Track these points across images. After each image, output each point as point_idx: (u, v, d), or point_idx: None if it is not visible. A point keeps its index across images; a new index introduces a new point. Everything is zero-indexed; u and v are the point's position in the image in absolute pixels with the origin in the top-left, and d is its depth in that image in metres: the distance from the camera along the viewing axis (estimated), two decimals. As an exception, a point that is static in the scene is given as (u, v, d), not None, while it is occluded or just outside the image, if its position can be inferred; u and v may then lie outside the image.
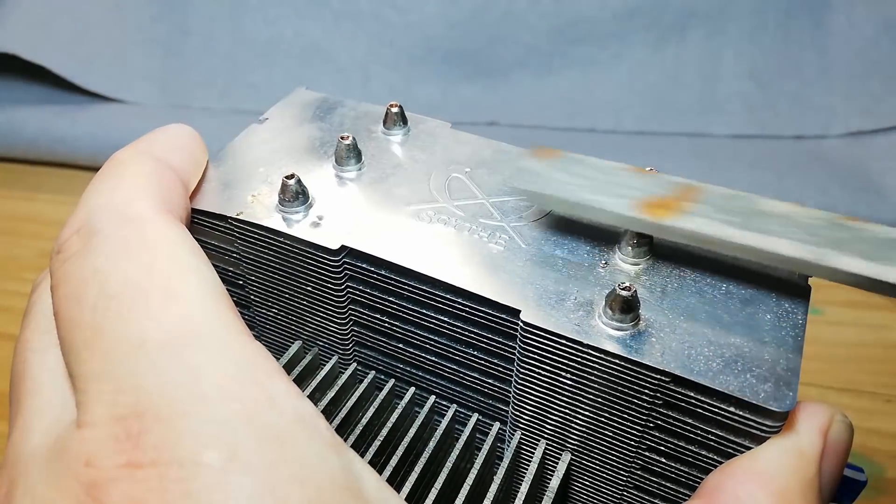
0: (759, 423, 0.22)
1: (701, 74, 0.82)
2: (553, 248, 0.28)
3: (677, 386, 0.23)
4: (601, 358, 0.24)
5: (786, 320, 0.24)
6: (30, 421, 0.22)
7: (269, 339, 0.34)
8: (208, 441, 0.19)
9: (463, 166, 0.32)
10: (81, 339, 0.21)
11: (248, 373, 0.21)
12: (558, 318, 0.25)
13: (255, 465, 0.19)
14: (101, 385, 0.20)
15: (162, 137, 0.29)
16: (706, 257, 0.27)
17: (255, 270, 0.31)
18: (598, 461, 0.27)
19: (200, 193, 0.30)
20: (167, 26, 0.86)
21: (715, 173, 0.72)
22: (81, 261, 0.23)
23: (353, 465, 0.20)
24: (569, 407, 0.26)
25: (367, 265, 0.28)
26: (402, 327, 0.30)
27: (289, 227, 0.29)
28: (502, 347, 0.27)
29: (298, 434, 0.20)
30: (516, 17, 0.83)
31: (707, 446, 0.24)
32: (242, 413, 0.19)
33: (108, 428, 0.19)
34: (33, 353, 0.25)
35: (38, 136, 0.77)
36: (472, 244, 0.28)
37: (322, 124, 0.35)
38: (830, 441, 0.23)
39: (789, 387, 0.22)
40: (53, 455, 0.20)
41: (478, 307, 0.27)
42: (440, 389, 0.31)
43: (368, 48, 0.85)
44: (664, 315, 0.25)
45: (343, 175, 0.31)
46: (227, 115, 0.82)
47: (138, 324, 0.21)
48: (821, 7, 0.81)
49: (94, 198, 0.25)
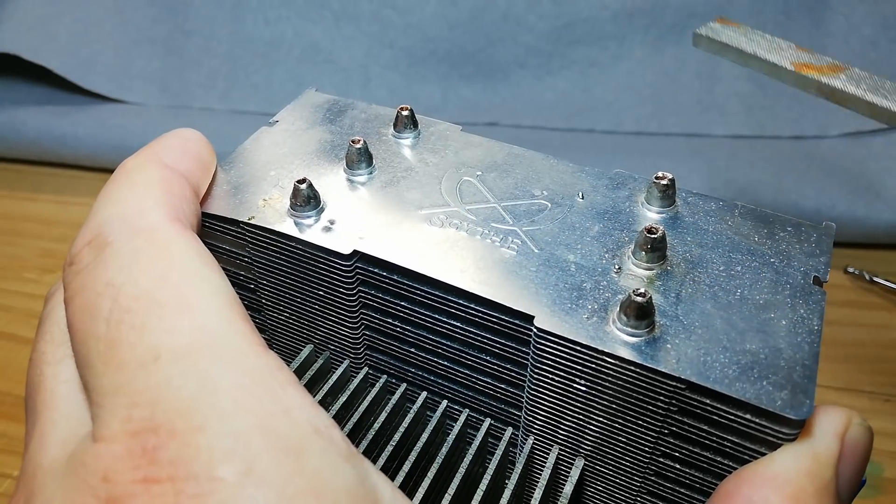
0: (776, 431, 0.22)
1: (700, 75, 0.82)
2: (565, 252, 0.28)
3: (693, 393, 0.23)
4: (616, 364, 0.24)
5: (801, 326, 0.25)
6: (46, 433, 0.22)
7: (281, 342, 0.34)
8: (223, 455, 0.19)
9: (474, 170, 0.32)
10: (96, 352, 0.21)
11: (263, 384, 0.21)
12: (572, 324, 0.25)
13: (271, 479, 0.19)
14: (117, 399, 0.20)
15: (170, 143, 0.29)
16: (720, 261, 0.27)
17: (266, 274, 0.31)
18: (612, 467, 0.27)
19: (211, 197, 0.30)
20: (168, 27, 0.86)
21: (714, 173, 0.72)
22: (94, 273, 0.23)
23: (369, 475, 0.21)
24: (582, 413, 0.26)
25: (379, 270, 0.28)
26: (414, 332, 0.30)
27: (301, 231, 0.29)
28: (515, 353, 0.27)
29: (313, 445, 0.20)
30: (516, 18, 0.84)
31: (722, 452, 0.24)
32: (257, 426, 0.19)
33: (125, 443, 0.19)
34: (48, 366, 0.25)
35: (39, 137, 0.77)
36: (485, 249, 0.28)
37: (332, 127, 0.35)
38: (847, 445, 0.23)
39: (806, 394, 0.22)
40: (70, 469, 0.20)
41: (491, 312, 0.27)
42: (452, 394, 0.31)
43: (369, 49, 0.85)
44: (679, 321, 0.25)
45: (354, 179, 0.31)
46: (228, 116, 0.81)
47: (153, 336, 0.21)
48: (820, 7, 0.81)
49: (104, 208, 0.25)
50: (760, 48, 0.38)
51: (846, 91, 0.35)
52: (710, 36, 0.40)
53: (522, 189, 0.31)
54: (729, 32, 0.39)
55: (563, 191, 0.31)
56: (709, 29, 0.40)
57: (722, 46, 0.39)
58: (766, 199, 0.69)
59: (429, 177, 0.32)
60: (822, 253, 0.28)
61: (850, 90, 0.34)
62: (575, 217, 0.29)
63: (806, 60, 0.37)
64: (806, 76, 0.36)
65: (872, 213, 0.67)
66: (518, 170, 0.32)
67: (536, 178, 0.31)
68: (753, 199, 0.72)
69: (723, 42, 0.39)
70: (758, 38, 0.39)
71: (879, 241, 0.67)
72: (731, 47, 0.39)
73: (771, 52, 0.37)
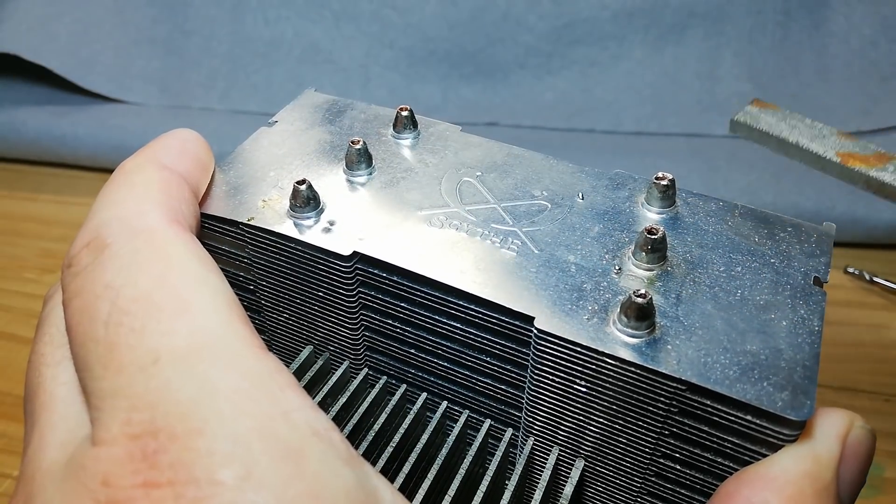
0: (777, 432, 0.22)
1: (700, 75, 0.82)
2: (566, 253, 0.28)
3: (693, 394, 0.23)
4: (616, 365, 0.24)
5: (801, 327, 0.25)
6: (45, 435, 0.22)
7: (280, 343, 0.34)
8: (223, 459, 0.19)
9: (474, 170, 0.32)
10: (95, 355, 0.21)
11: (262, 387, 0.21)
12: (573, 326, 0.25)
13: (270, 482, 0.19)
14: (116, 402, 0.20)
15: (168, 144, 0.29)
16: (720, 261, 0.27)
17: (265, 275, 0.31)
18: (612, 468, 0.27)
19: (210, 198, 0.30)
20: (168, 27, 0.86)
21: (713, 173, 0.72)
22: (93, 275, 0.23)
23: (369, 478, 0.21)
24: (583, 414, 0.26)
25: (379, 271, 0.28)
26: (414, 333, 0.30)
27: (300, 232, 0.29)
28: (515, 354, 0.27)
29: (313, 448, 0.20)
30: (516, 18, 0.84)
31: (723, 454, 0.24)
32: (256, 429, 0.19)
33: (124, 446, 0.19)
34: (47, 367, 0.25)
35: (39, 137, 0.77)
36: (485, 249, 0.28)
37: (332, 127, 0.35)
38: (849, 447, 0.23)
39: (807, 395, 0.22)
40: (69, 472, 0.20)
41: (491, 313, 0.27)
42: (452, 395, 0.31)
43: (369, 49, 0.85)
44: (679, 322, 0.25)
45: (354, 179, 0.31)
46: (228, 116, 0.81)
47: (151, 339, 0.21)
48: (819, 7, 0.81)
49: (102, 210, 0.25)
50: (803, 137, 0.36)
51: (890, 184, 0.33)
52: (748, 123, 0.38)
53: (522, 189, 0.31)
54: (768, 118, 0.37)
55: (563, 191, 0.31)
56: (747, 115, 0.38)
57: (762, 135, 0.37)
58: (766, 199, 0.69)
59: (428, 177, 0.32)
60: (822, 253, 0.28)
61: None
62: (575, 218, 0.29)
63: (851, 150, 0.35)
64: (853, 169, 0.34)
65: (872, 213, 0.67)
66: (518, 170, 0.32)
67: (536, 178, 0.31)
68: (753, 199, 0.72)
69: (762, 130, 0.37)
70: (797, 123, 0.37)
71: (879, 241, 0.67)
72: (771, 136, 0.37)
73: (814, 141, 0.35)
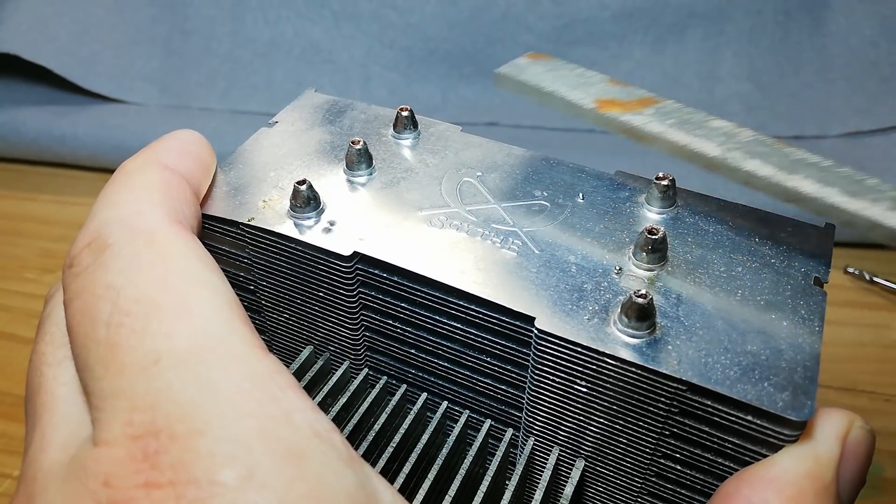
0: (777, 432, 0.22)
1: (700, 75, 0.82)
2: (566, 253, 0.28)
3: (694, 394, 0.23)
4: (617, 366, 0.24)
5: (802, 327, 0.25)
6: (47, 435, 0.22)
7: (281, 343, 0.34)
8: (224, 460, 0.19)
9: (474, 170, 0.32)
10: (96, 355, 0.21)
11: (263, 388, 0.21)
12: (573, 326, 0.25)
13: (271, 484, 0.19)
14: (117, 402, 0.20)
15: (170, 144, 0.29)
16: (720, 262, 0.27)
17: (266, 275, 0.31)
18: (613, 468, 0.27)
19: (211, 199, 0.30)
20: (168, 27, 0.86)
21: (714, 173, 0.72)
22: (94, 276, 0.23)
23: (369, 479, 0.21)
24: (583, 414, 0.26)
25: (379, 271, 0.28)
26: (414, 333, 0.30)
27: (301, 233, 0.29)
28: (516, 354, 0.27)
29: (314, 450, 0.20)
30: (516, 18, 0.83)
31: (723, 454, 0.24)
32: (258, 430, 0.19)
33: (125, 447, 0.19)
34: (48, 367, 0.25)
35: (39, 137, 0.77)
36: (485, 250, 0.28)
37: (332, 128, 0.35)
38: (849, 447, 0.23)
39: (807, 395, 0.22)
40: (71, 472, 0.20)
41: (492, 314, 0.27)
42: (452, 395, 0.31)
43: (368, 49, 0.85)
44: (680, 322, 0.25)
45: (354, 180, 0.31)
46: (228, 116, 0.81)
47: (153, 340, 0.21)
48: (819, 7, 0.81)
49: (104, 210, 0.25)
50: (565, 86, 0.31)
51: (645, 129, 0.29)
52: (511, 75, 0.33)
53: (523, 190, 0.31)
54: (535, 69, 0.33)
55: (563, 191, 0.31)
56: (512, 67, 0.34)
57: (523, 87, 0.33)
58: (766, 199, 0.69)
59: (429, 177, 0.32)
60: (822, 253, 0.28)
61: (651, 128, 0.29)
62: (575, 218, 0.29)
63: (613, 96, 0.31)
64: (604, 115, 0.30)
65: None
66: (518, 170, 0.32)
67: (537, 178, 0.31)
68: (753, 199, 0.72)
69: (522, 81, 0.33)
70: (567, 73, 0.32)
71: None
72: (531, 86, 0.32)
73: (577, 89, 0.31)
